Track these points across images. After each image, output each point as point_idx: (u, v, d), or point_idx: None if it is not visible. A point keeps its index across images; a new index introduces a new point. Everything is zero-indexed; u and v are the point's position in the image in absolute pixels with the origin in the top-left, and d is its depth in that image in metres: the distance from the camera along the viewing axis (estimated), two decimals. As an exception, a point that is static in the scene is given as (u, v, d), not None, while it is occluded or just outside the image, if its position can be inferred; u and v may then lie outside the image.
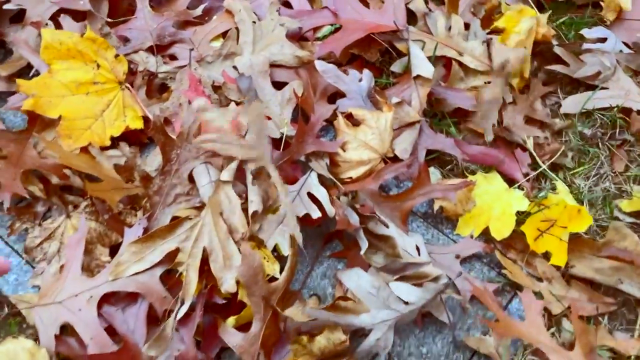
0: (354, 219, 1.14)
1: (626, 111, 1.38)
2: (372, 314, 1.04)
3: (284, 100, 1.31)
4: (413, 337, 1.13)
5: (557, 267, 1.18)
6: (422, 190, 1.19)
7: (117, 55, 1.27)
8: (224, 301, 1.07)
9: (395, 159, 1.28)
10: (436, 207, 1.23)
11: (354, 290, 1.05)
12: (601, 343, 1.10)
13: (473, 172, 1.32)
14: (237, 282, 1.04)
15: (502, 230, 1.20)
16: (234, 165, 1.10)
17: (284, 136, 1.24)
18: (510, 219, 1.20)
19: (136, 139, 1.28)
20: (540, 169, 1.30)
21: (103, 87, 1.26)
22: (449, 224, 1.26)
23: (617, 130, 1.37)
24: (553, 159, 1.31)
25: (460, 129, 1.36)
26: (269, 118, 1.28)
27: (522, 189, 1.26)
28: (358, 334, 1.06)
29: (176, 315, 1.01)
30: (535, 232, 1.21)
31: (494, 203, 1.24)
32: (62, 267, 1.11)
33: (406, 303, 1.05)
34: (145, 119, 1.27)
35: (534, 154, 1.31)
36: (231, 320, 1.04)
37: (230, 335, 0.98)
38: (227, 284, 1.03)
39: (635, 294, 1.15)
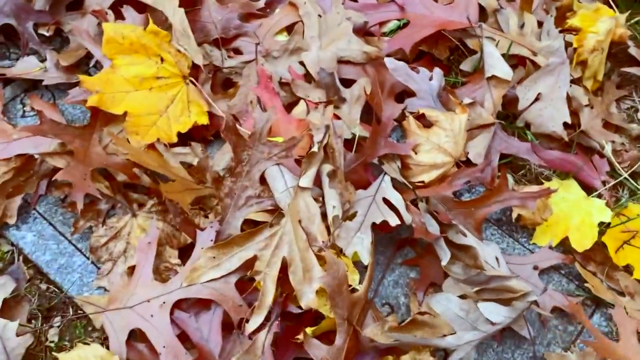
0: (434, 228, 1.09)
1: None
2: (458, 336, 0.99)
3: (353, 98, 1.25)
4: (491, 352, 1.08)
5: (640, 282, 1.13)
6: (500, 197, 1.14)
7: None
8: (299, 310, 1.02)
9: (468, 163, 1.23)
10: (514, 215, 1.18)
11: (442, 314, 1.00)
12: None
13: (548, 178, 1.26)
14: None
15: (582, 241, 1.15)
16: (313, 170, 1.05)
17: (357, 137, 1.19)
18: (592, 229, 1.15)
19: (200, 136, 1.23)
20: (621, 178, 1.24)
21: (167, 82, 1.21)
22: (524, 232, 1.21)
23: (700, 138, 1.31)
24: (632, 166, 1.26)
25: (533, 132, 1.30)
26: (338, 117, 1.23)
27: (601, 197, 1.21)
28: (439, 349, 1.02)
29: (269, 329, 0.96)
30: (617, 244, 1.15)
31: (572, 212, 1.18)
32: (130, 269, 1.07)
33: (493, 323, 1.00)
34: (210, 115, 1.22)
35: (613, 160, 1.25)
36: (309, 331, 0.99)
37: (315, 348, 0.93)
38: (307, 298, 0.97)
39: None
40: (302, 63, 1.29)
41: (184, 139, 1.20)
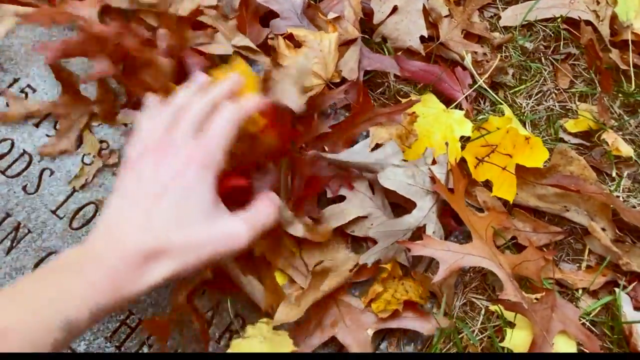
0: None
1: (571, 22, 1.19)
2: (420, 206, 0.91)
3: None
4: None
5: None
6: (366, 115, 0.97)
7: None
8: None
9: (342, 84, 1.06)
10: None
11: (397, 189, 0.91)
12: (547, 275, 0.96)
13: (406, 95, 1.11)
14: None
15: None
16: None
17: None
18: (454, 144, 1.02)
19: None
20: (477, 85, 1.10)
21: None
22: (388, 156, 1.07)
23: (561, 43, 1.18)
24: (493, 77, 1.13)
25: (391, 47, 1.14)
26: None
27: (462, 110, 1.08)
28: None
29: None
30: (476, 159, 1.04)
31: (433, 127, 1.05)
32: None
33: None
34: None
35: (473, 71, 1.12)
36: None
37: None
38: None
39: (582, 222, 1.00)
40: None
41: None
